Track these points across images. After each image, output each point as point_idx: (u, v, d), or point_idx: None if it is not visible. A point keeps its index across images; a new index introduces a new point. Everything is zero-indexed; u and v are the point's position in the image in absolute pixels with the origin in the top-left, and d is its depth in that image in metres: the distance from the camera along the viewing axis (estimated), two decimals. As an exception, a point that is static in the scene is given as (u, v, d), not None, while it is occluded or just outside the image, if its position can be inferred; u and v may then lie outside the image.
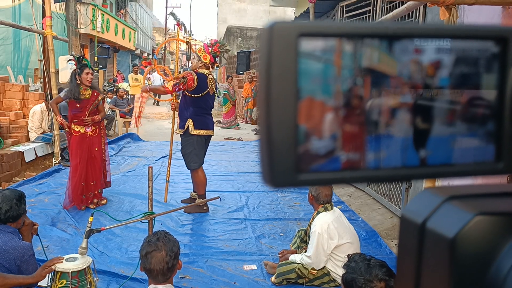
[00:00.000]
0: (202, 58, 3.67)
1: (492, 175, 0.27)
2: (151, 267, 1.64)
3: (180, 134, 3.79)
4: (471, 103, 0.26)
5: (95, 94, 3.93)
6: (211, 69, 3.74)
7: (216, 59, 3.76)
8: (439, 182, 2.45)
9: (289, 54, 0.23)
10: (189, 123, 3.66)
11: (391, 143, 0.25)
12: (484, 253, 0.24)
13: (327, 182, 0.25)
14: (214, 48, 3.71)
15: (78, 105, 3.84)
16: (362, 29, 0.25)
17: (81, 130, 3.88)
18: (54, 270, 2.10)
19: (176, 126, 3.96)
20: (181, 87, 3.57)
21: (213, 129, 3.85)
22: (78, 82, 3.81)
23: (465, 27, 0.26)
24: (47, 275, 2.10)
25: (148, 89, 4.29)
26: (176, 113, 3.93)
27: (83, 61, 3.84)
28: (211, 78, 3.72)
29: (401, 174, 0.26)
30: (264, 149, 0.24)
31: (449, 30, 0.26)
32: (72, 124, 3.88)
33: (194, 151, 3.71)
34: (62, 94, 4.01)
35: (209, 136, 3.83)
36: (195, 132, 3.66)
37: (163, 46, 4.83)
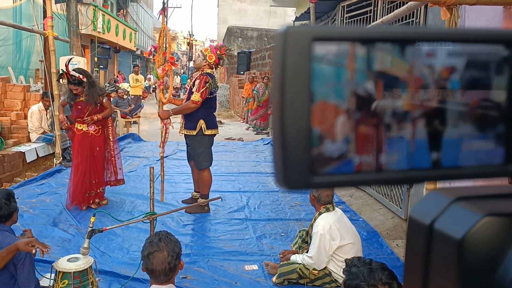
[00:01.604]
0: (207, 58, 3.72)
1: (502, 177, 0.27)
2: (153, 267, 1.65)
3: (188, 135, 3.78)
4: (481, 105, 0.26)
5: None
6: (214, 69, 3.81)
7: (220, 61, 3.82)
8: (441, 184, 2.45)
9: (302, 58, 0.23)
10: (202, 123, 3.70)
11: (403, 145, 0.26)
12: (492, 254, 0.24)
13: (340, 185, 0.26)
14: (221, 50, 3.78)
15: (80, 107, 3.94)
16: (375, 33, 0.25)
17: (83, 129, 3.95)
18: (56, 270, 2.11)
19: (180, 126, 3.95)
20: (207, 91, 3.60)
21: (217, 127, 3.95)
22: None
23: (476, 31, 0.26)
24: (49, 274, 2.11)
25: (172, 113, 3.70)
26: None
27: (66, 76, 3.80)
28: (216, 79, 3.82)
29: (413, 176, 0.26)
30: (278, 151, 0.24)
31: (460, 34, 0.26)
32: (76, 123, 3.97)
33: (206, 150, 3.75)
34: (65, 97, 4.10)
35: (215, 136, 3.91)
36: (208, 132, 3.71)
37: (163, 43, 4.82)
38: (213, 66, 3.77)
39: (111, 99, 9.28)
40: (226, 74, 17.39)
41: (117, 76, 14.52)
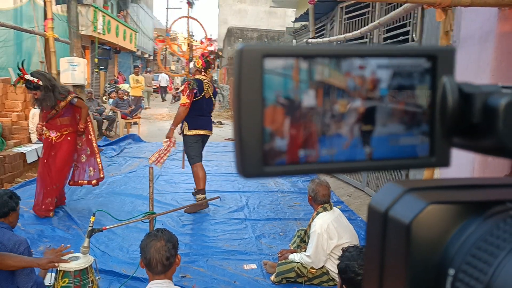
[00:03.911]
0: (196, 63, 4.09)
1: (427, 167, 0.32)
2: (150, 256, 1.67)
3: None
4: (408, 108, 0.31)
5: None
6: (204, 73, 4.09)
7: (208, 64, 4.10)
8: (437, 174, 2.47)
9: (255, 71, 0.28)
10: (185, 125, 4.05)
11: (341, 141, 0.30)
12: (436, 237, 0.28)
13: (288, 173, 0.30)
14: (207, 55, 4.14)
15: (44, 111, 3.82)
16: (314, 50, 0.29)
17: (46, 134, 3.83)
18: (57, 269, 2.13)
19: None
20: (192, 93, 3.95)
21: (209, 129, 4.15)
22: None
23: (402, 48, 0.31)
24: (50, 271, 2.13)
25: (173, 127, 4.04)
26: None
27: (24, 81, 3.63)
28: (207, 83, 4.05)
29: (349, 166, 0.31)
30: (237, 147, 0.29)
31: (387, 51, 0.31)
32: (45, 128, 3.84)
33: (190, 148, 4.08)
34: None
35: (205, 136, 4.13)
36: (189, 132, 4.04)
37: (165, 46, 5.23)
38: (202, 70, 4.08)
39: (111, 99, 9.30)
40: (227, 75, 17.42)
41: (118, 77, 14.55)
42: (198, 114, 4.02)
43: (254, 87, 0.28)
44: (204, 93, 3.98)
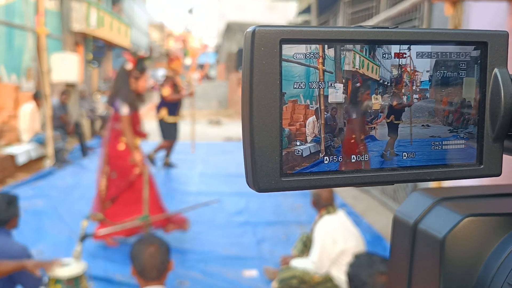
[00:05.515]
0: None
1: (474, 177, 0.27)
2: (144, 262, 1.61)
3: None
4: (452, 106, 0.26)
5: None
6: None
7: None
8: (448, 183, 2.36)
9: (271, 59, 0.23)
10: None
11: (374, 145, 0.26)
12: (473, 253, 0.25)
13: (312, 186, 0.25)
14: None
15: (138, 115, 3.07)
16: (344, 35, 0.25)
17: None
18: (49, 276, 2.06)
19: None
20: None
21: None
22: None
23: (446, 32, 0.27)
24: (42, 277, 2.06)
25: None
26: None
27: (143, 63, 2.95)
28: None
29: (386, 176, 0.26)
30: (248, 153, 0.24)
31: (431, 35, 0.26)
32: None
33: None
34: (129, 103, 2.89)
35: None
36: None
37: (160, 44, 5.44)
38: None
39: (104, 97, 9.13)
40: (225, 71, 17.21)
41: (112, 74, 14.37)
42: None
43: (269, 79, 0.23)
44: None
